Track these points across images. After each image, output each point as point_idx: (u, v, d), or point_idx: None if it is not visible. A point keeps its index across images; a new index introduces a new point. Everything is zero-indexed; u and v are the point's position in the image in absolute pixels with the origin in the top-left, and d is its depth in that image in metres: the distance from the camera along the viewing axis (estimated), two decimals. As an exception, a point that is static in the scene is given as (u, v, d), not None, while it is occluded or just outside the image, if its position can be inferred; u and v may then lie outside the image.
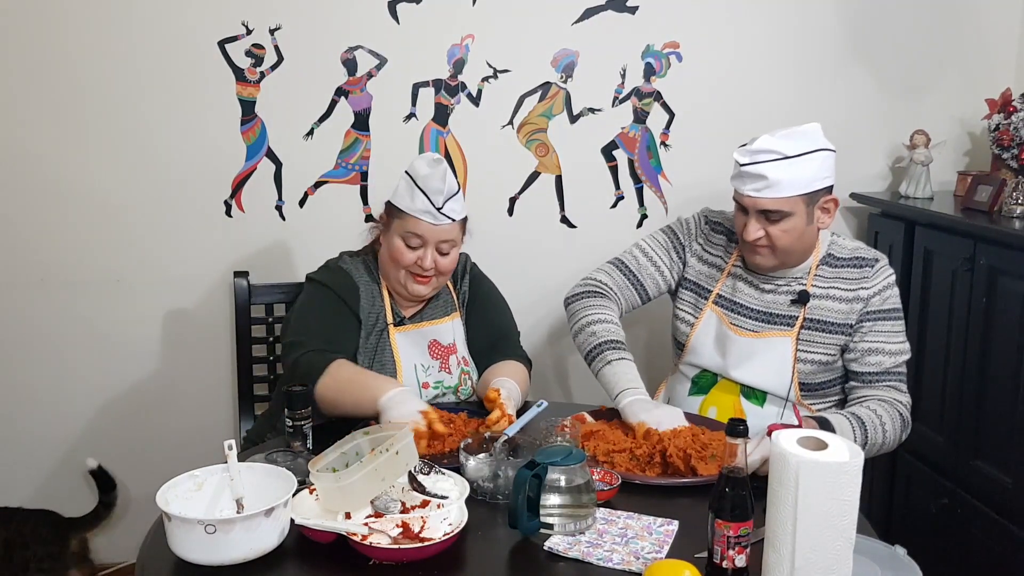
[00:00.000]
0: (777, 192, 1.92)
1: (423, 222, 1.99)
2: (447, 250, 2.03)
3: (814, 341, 2.03)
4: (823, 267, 2.07)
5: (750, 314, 2.08)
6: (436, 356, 2.09)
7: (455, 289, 2.19)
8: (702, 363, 2.13)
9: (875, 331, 2.02)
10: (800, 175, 1.92)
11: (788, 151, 1.92)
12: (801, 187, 1.93)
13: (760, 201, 1.94)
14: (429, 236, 2.00)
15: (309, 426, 1.73)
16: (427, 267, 2.01)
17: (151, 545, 1.46)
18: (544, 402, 1.86)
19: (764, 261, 2.02)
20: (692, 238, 2.20)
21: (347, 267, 2.09)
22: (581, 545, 1.46)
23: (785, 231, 1.96)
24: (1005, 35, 2.85)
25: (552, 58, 2.68)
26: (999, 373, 2.28)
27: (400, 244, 2.02)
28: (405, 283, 2.04)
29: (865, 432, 1.91)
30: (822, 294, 2.04)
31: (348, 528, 1.41)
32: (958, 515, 2.42)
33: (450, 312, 2.15)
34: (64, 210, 2.57)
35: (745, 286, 2.10)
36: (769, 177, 1.91)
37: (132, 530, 2.10)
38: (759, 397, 2.06)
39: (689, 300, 2.18)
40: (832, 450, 1.24)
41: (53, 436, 2.69)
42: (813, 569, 1.23)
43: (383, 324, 2.07)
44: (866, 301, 2.02)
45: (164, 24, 2.50)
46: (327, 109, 2.62)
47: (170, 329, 2.68)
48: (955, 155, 2.90)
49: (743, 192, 1.97)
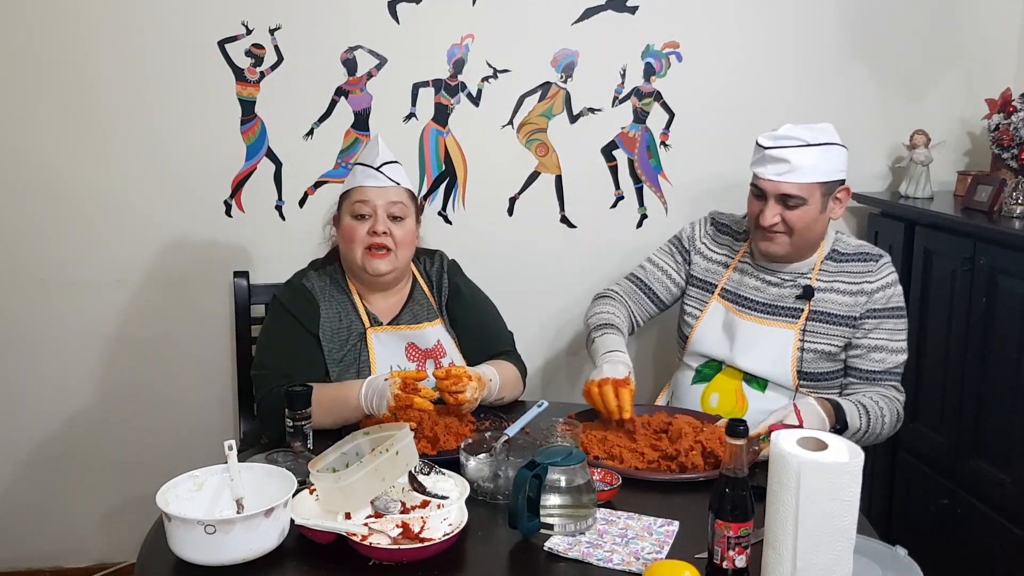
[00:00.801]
0: (799, 177, 1.99)
1: (366, 187, 2.00)
2: (399, 215, 2.01)
3: (818, 332, 2.08)
4: (828, 262, 2.11)
5: (755, 306, 2.13)
6: (413, 359, 2.07)
7: (431, 292, 2.16)
8: (707, 351, 2.17)
9: (881, 328, 2.06)
10: (821, 163, 2.00)
11: (811, 139, 2.00)
12: (821, 175, 2.00)
13: (782, 185, 2.01)
14: (375, 199, 2.00)
15: (309, 426, 1.72)
16: (380, 231, 1.98)
17: (151, 545, 1.46)
18: (544, 402, 1.86)
19: (778, 248, 2.07)
20: (696, 237, 2.27)
21: (310, 284, 2.06)
22: (581, 545, 1.46)
23: (799, 217, 2.02)
24: (1005, 35, 2.85)
25: (552, 58, 2.68)
26: (999, 373, 2.28)
27: (350, 220, 2.02)
28: (364, 263, 2.01)
29: (869, 421, 1.97)
30: (827, 287, 2.08)
31: (348, 528, 1.41)
32: (958, 515, 2.42)
33: (431, 318, 2.12)
34: (64, 210, 2.56)
35: (751, 279, 2.15)
36: (792, 161, 1.98)
37: (132, 530, 2.09)
38: (761, 384, 2.11)
39: (695, 295, 2.23)
40: (833, 451, 1.24)
41: (53, 436, 2.68)
42: (814, 570, 1.23)
43: (358, 334, 2.04)
44: (870, 296, 2.06)
45: (164, 24, 2.50)
46: (327, 109, 2.62)
47: (170, 329, 2.68)
48: (955, 155, 2.91)
49: (764, 176, 2.03)
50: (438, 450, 1.77)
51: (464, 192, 2.72)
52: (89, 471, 2.71)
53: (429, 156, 2.68)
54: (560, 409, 1.98)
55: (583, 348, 2.87)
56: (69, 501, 2.73)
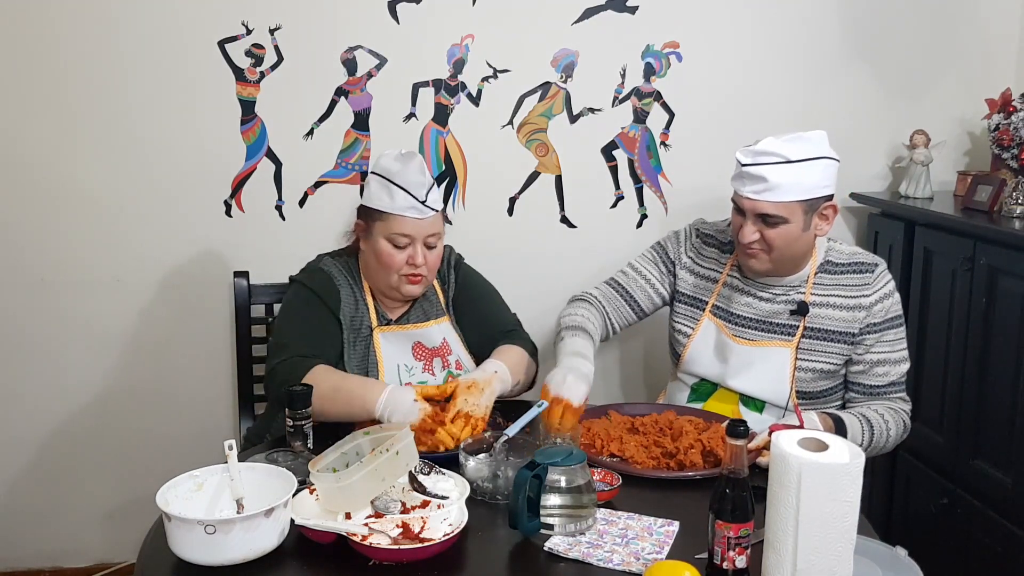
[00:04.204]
0: (776, 196, 1.89)
1: (408, 219, 1.95)
2: (434, 243, 2.00)
3: (815, 350, 2.02)
4: (822, 275, 2.04)
5: (749, 323, 2.06)
6: (420, 358, 2.07)
7: (442, 288, 2.16)
8: (700, 372, 2.12)
9: (882, 341, 2.01)
10: (801, 180, 1.89)
11: (791, 155, 1.88)
12: (801, 193, 1.90)
13: (759, 204, 1.91)
14: (416, 232, 1.96)
15: (309, 426, 1.73)
16: (419, 263, 1.97)
17: (151, 545, 1.46)
18: (544, 402, 1.85)
19: (758, 265, 2.00)
20: (681, 251, 2.19)
21: (328, 269, 2.06)
22: (581, 546, 1.46)
23: (780, 235, 1.93)
24: (1005, 35, 2.85)
25: (552, 58, 2.68)
26: (999, 373, 2.28)
27: (387, 247, 1.97)
28: (399, 286, 2.01)
29: (872, 435, 1.93)
30: (822, 302, 2.02)
31: (348, 528, 1.41)
32: (958, 515, 2.42)
33: (438, 316, 2.12)
34: (64, 210, 2.56)
35: (741, 296, 2.08)
36: (770, 180, 1.88)
37: (132, 530, 2.10)
38: (758, 405, 2.05)
39: (685, 312, 2.17)
40: (833, 451, 1.24)
41: (53, 436, 2.68)
42: (814, 570, 1.23)
43: (368, 328, 2.04)
44: (868, 310, 2.00)
45: (164, 24, 2.50)
46: (327, 109, 2.62)
47: (170, 329, 2.68)
48: (955, 155, 2.90)
49: (742, 193, 1.94)
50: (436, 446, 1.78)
51: (464, 192, 2.72)
52: (89, 471, 2.71)
53: (429, 156, 2.68)
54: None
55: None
56: (69, 501, 2.73)
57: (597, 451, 1.78)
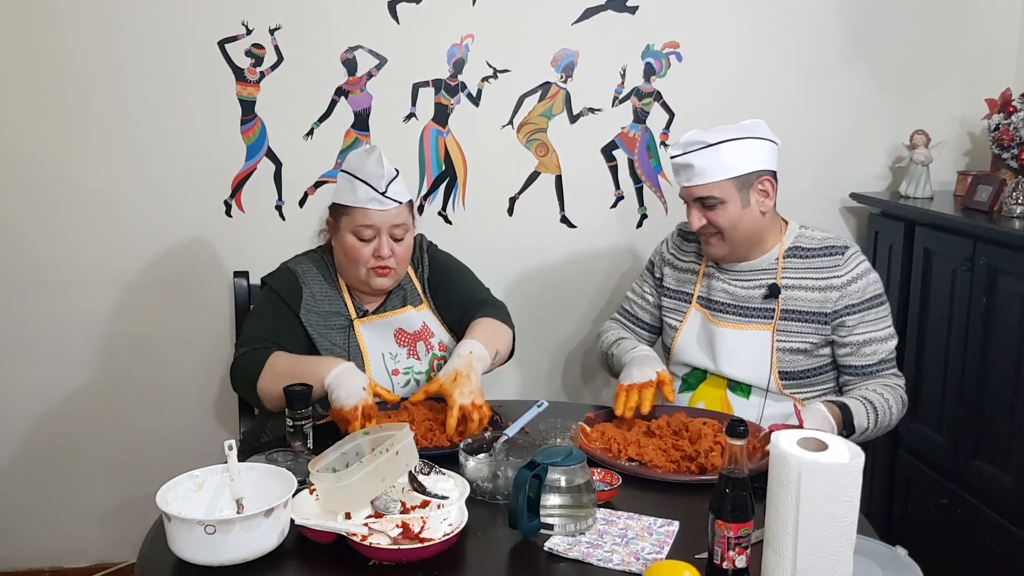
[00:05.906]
0: (704, 178, 2.02)
1: (371, 210, 1.99)
2: (400, 235, 2.02)
3: (791, 331, 2.07)
4: (792, 259, 2.10)
5: (729, 309, 2.14)
6: (403, 344, 2.09)
7: (416, 274, 2.18)
8: (689, 360, 2.18)
9: (864, 322, 2.05)
10: (727, 159, 2.01)
11: (710, 139, 2.01)
12: (727, 171, 2.01)
13: (693, 190, 2.04)
14: (380, 223, 1.99)
15: (309, 426, 1.73)
16: (385, 255, 2.00)
17: (151, 545, 1.46)
18: (544, 402, 1.86)
19: (715, 250, 2.10)
20: (665, 252, 2.30)
21: (296, 268, 2.10)
22: (581, 546, 1.45)
23: (722, 216, 2.03)
24: (1005, 35, 2.85)
25: (552, 58, 2.68)
26: (999, 373, 2.28)
27: (353, 240, 2.01)
28: (367, 280, 2.03)
29: (877, 415, 1.97)
30: (794, 284, 2.08)
31: (348, 528, 1.41)
32: (958, 515, 2.42)
33: (416, 303, 2.14)
34: (64, 210, 2.56)
35: (719, 284, 2.15)
36: (696, 165, 2.02)
37: (132, 530, 2.09)
38: (744, 390, 2.10)
39: (673, 307, 2.24)
40: (833, 451, 1.24)
41: (53, 436, 2.68)
42: (814, 570, 1.23)
43: (346, 320, 2.07)
44: (841, 291, 2.04)
45: (164, 24, 2.50)
46: (327, 109, 2.62)
47: (170, 329, 2.68)
48: (955, 155, 2.90)
49: (679, 183, 2.08)
50: (434, 444, 1.79)
51: (464, 192, 2.72)
52: (89, 471, 2.71)
53: (429, 156, 2.68)
54: (560, 409, 1.98)
55: (583, 348, 2.88)
56: (69, 501, 2.73)
57: (614, 456, 1.78)
